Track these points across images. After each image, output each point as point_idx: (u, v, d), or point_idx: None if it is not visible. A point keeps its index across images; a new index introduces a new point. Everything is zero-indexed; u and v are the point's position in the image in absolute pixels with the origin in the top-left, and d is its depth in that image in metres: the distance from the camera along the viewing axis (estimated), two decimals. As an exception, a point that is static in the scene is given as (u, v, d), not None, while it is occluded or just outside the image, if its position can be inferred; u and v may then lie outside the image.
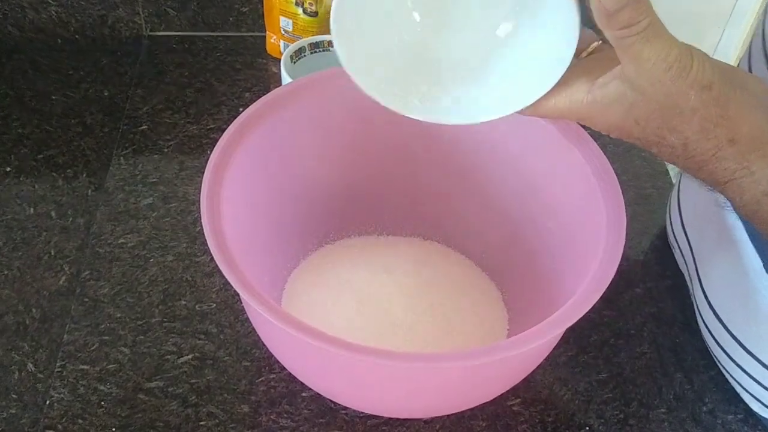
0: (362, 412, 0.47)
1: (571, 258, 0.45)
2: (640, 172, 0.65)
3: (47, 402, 0.47)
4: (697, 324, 0.53)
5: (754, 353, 0.46)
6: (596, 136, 0.45)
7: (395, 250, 0.55)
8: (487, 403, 0.47)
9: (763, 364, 0.46)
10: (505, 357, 0.37)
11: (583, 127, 0.46)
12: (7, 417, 0.47)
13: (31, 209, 0.59)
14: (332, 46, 0.65)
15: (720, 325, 0.49)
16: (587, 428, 0.48)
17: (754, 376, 0.47)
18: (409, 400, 0.43)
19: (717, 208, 0.48)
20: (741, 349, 0.47)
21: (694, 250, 0.53)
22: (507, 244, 0.52)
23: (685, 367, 0.52)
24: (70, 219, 0.58)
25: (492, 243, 0.53)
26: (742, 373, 0.48)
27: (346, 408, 0.48)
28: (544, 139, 0.47)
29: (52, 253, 0.56)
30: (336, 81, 0.48)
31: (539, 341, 0.37)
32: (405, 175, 0.54)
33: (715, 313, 0.49)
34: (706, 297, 0.50)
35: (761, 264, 0.45)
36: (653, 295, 0.56)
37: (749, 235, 0.46)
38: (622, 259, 0.39)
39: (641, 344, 0.53)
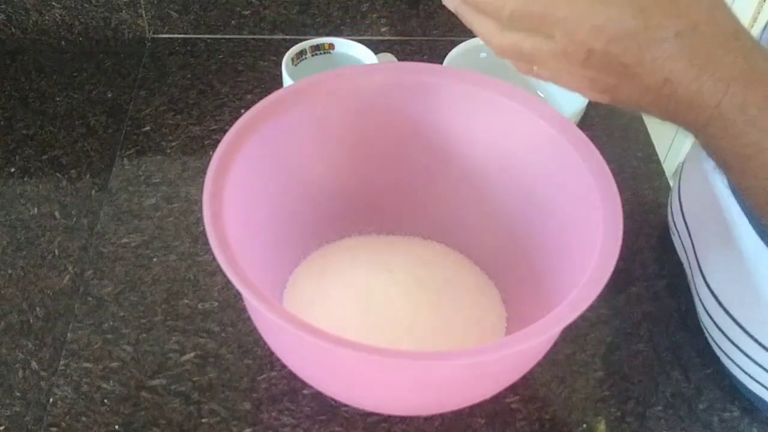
0: (362, 410, 0.48)
1: (568, 257, 0.45)
2: (637, 172, 0.65)
3: (51, 400, 0.48)
4: (695, 321, 0.53)
5: (754, 336, 0.46)
6: (595, 136, 0.46)
7: (395, 250, 0.55)
8: (485, 400, 0.47)
9: (764, 347, 0.46)
10: (503, 355, 0.38)
11: (582, 127, 0.47)
12: (10, 415, 0.48)
13: (35, 209, 0.59)
14: (332, 49, 0.66)
15: (720, 308, 0.49)
16: (584, 426, 0.49)
17: (755, 359, 0.47)
18: (408, 398, 0.44)
19: (715, 191, 0.48)
20: (741, 331, 0.47)
21: (692, 235, 0.53)
22: (505, 244, 0.52)
23: (682, 365, 0.52)
24: (74, 219, 0.59)
25: (490, 242, 0.53)
26: (743, 356, 0.48)
27: (346, 405, 0.48)
28: (543, 139, 0.47)
29: (56, 253, 0.56)
30: (337, 83, 0.49)
31: (537, 339, 0.37)
32: (405, 176, 0.54)
33: (714, 297, 0.49)
34: (705, 281, 0.50)
35: (760, 245, 0.45)
36: (650, 294, 0.56)
37: (747, 217, 0.46)
38: (619, 258, 0.40)
39: (638, 342, 0.53)
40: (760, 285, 0.45)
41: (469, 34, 0.75)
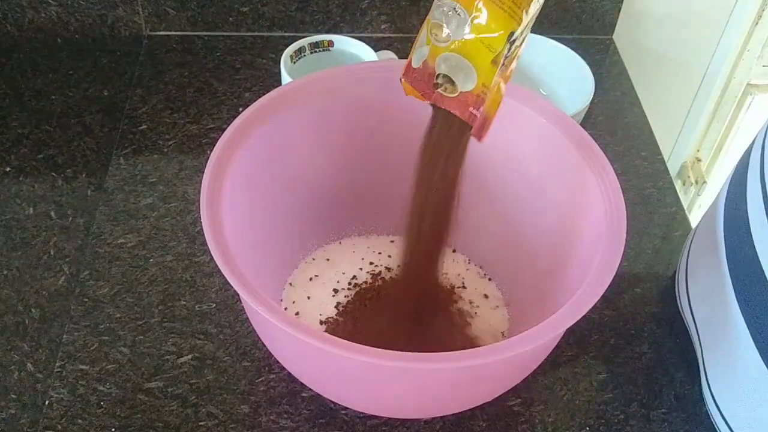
0: (362, 413, 0.47)
1: (571, 258, 0.44)
2: (640, 172, 0.65)
3: (46, 402, 0.47)
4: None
5: None
6: (598, 135, 0.45)
7: (395, 250, 0.55)
8: (487, 403, 0.47)
9: None
10: (505, 357, 0.37)
11: (586, 126, 0.46)
12: (6, 417, 0.47)
13: (31, 209, 0.59)
14: (332, 46, 0.65)
15: (722, 419, 0.47)
16: (587, 429, 0.48)
17: None
18: (408, 401, 0.43)
19: (725, 301, 0.45)
20: None
21: (700, 335, 0.50)
22: (507, 244, 0.52)
23: (685, 368, 0.52)
24: (70, 219, 0.58)
25: (492, 243, 0.53)
26: None
27: (345, 408, 0.48)
28: (544, 139, 0.47)
29: (52, 253, 0.56)
30: (336, 80, 0.48)
31: (539, 341, 0.37)
32: (405, 175, 0.53)
33: (718, 409, 0.47)
34: (712, 394, 0.48)
35: (764, 368, 0.42)
36: (653, 295, 0.56)
37: (752, 338, 0.43)
38: (621, 259, 0.39)
39: (641, 344, 0.53)
40: (760, 406, 0.43)
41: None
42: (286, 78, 0.60)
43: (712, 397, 0.48)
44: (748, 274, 0.43)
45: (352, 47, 0.65)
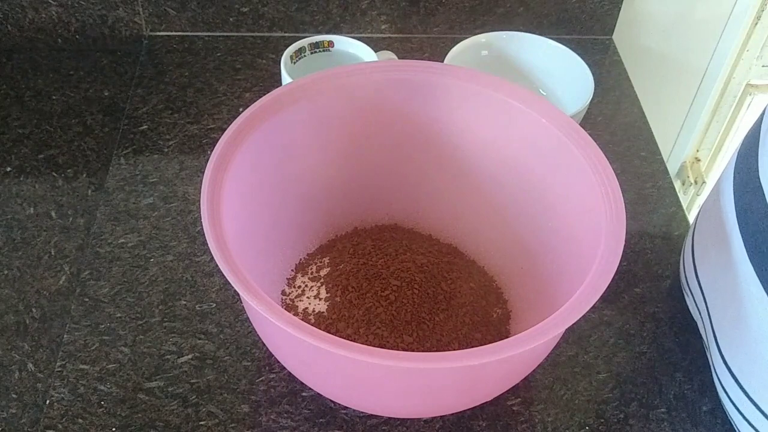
0: (362, 412, 0.47)
1: (571, 258, 0.44)
2: (640, 171, 0.65)
3: (47, 402, 0.47)
4: (696, 324, 0.53)
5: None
6: (597, 135, 0.45)
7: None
8: (487, 402, 0.47)
9: None
10: (505, 357, 0.37)
11: (585, 126, 0.46)
12: (7, 417, 0.47)
13: (31, 209, 0.59)
14: (332, 47, 0.65)
15: (738, 387, 0.46)
16: (587, 428, 0.48)
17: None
18: (408, 400, 0.43)
19: (733, 262, 0.45)
20: (759, 413, 0.45)
21: (709, 305, 0.50)
22: (507, 244, 0.52)
23: (685, 367, 0.52)
24: (71, 219, 0.58)
25: (492, 243, 0.53)
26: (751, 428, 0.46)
27: (345, 408, 0.48)
28: (544, 138, 0.47)
29: (53, 253, 0.56)
30: (336, 80, 0.48)
31: (539, 341, 0.37)
32: (405, 175, 0.53)
33: (732, 375, 0.46)
34: (722, 357, 0.47)
35: None
36: (653, 295, 0.56)
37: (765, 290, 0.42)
38: (621, 258, 0.39)
39: (641, 344, 0.53)
40: None
41: (470, 31, 0.75)
42: (286, 78, 0.61)
43: (726, 364, 0.47)
44: (763, 235, 0.42)
45: (352, 47, 0.65)
